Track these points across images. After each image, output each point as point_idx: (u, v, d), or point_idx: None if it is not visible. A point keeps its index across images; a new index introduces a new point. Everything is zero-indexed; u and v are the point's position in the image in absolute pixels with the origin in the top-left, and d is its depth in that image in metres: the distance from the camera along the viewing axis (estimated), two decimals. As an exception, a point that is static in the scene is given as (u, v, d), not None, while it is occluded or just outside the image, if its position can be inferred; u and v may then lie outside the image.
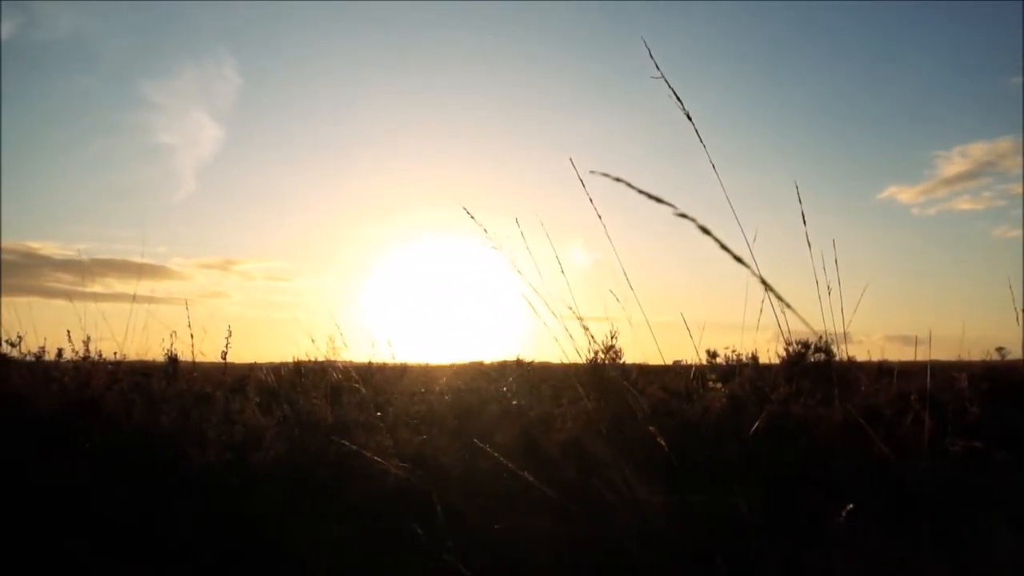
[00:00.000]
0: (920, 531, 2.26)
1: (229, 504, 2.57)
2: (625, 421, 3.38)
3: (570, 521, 2.76)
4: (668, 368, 5.33)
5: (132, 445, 2.66)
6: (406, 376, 5.95)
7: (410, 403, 3.89)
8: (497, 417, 3.71)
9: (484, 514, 2.95)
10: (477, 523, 2.90)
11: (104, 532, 2.45)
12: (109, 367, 3.39)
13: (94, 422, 2.69)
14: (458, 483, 3.19)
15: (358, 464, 3.00)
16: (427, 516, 2.89)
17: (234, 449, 2.62)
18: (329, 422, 3.01)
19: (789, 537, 2.67)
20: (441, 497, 2.98)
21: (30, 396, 2.82)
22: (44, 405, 2.76)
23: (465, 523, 2.90)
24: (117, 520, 2.51)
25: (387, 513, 2.92)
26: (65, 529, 2.43)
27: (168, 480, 2.56)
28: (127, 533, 2.49)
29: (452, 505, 2.97)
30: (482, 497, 3.14)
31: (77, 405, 2.79)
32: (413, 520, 2.90)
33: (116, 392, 2.97)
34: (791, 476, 3.24)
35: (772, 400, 3.69)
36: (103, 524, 2.48)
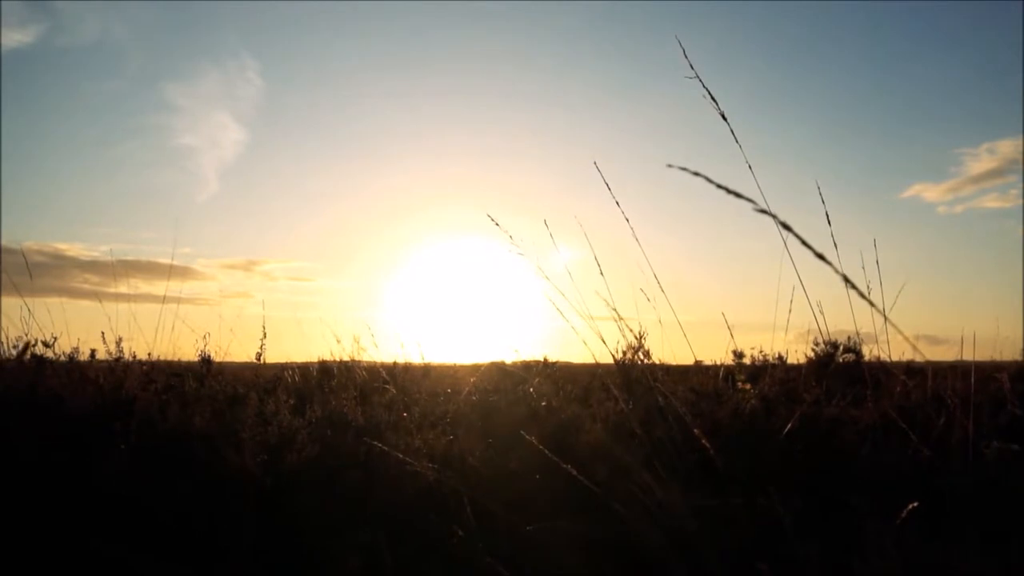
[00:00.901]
0: (963, 534, 2.22)
1: (263, 505, 2.57)
2: (656, 422, 3.36)
3: (605, 524, 2.74)
4: (692, 368, 5.29)
5: (167, 446, 2.68)
6: (429, 376, 5.96)
7: (437, 404, 3.89)
8: (525, 418, 3.69)
9: (517, 516, 2.93)
10: (511, 525, 2.88)
11: (140, 532, 2.47)
12: (144, 368, 3.42)
13: (129, 423, 2.71)
14: (489, 484, 3.18)
15: (389, 465, 3.00)
16: (460, 518, 2.88)
17: (268, 451, 2.63)
18: (360, 423, 3.01)
19: (828, 540, 2.63)
20: (473, 498, 2.97)
21: (67, 397, 2.85)
22: (80, 406, 2.79)
23: (498, 525, 2.89)
24: (153, 520, 2.53)
25: (419, 515, 2.92)
26: (102, 530, 2.45)
27: (202, 481, 2.57)
28: (162, 533, 2.50)
29: (484, 506, 2.96)
30: (514, 498, 3.13)
31: (113, 406, 2.81)
32: (446, 522, 2.89)
33: (151, 393, 2.99)
34: (826, 478, 3.20)
35: (804, 401, 3.64)
36: (139, 524, 2.49)
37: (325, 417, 2.92)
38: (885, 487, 3.10)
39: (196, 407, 2.90)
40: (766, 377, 3.88)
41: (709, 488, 2.91)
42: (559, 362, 6.78)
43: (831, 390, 4.00)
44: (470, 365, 8.15)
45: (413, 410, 3.76)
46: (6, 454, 2.42)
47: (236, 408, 2.96)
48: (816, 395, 3.65)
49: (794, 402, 3.66)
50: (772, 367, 4.01)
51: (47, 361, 3.43)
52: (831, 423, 3.58)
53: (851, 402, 3.90)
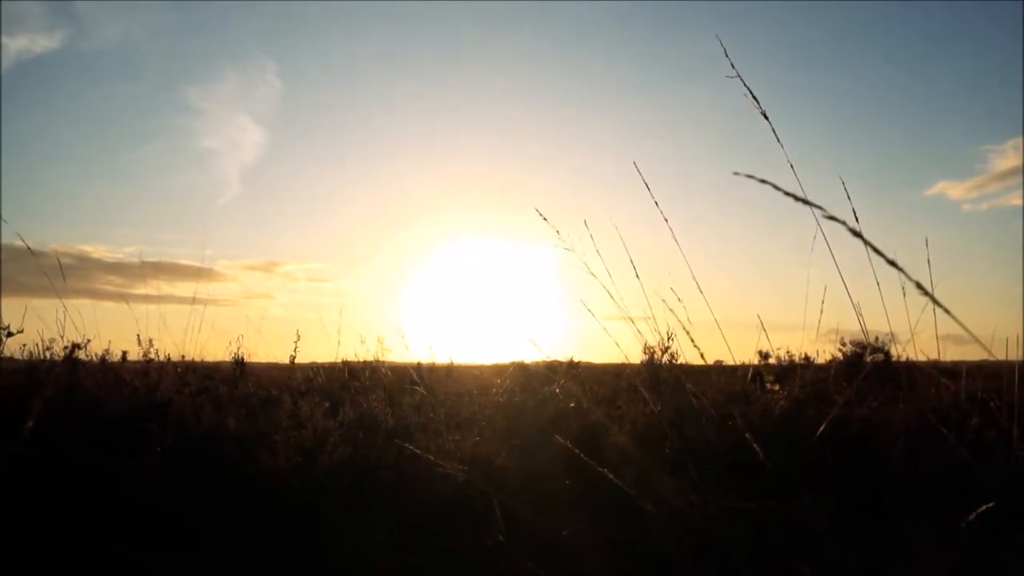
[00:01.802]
0: (1009, 541, 2.18)
1: (296, 506, 2.58)
2: (686, 423, 3.33)
3: (636, 526, 2.73)
4: (715, 368, 5.25)
5: (201, 448, 2.70)
6: (452, 376, 5.97)
7: (464, 405, 3.88)
8: (553, 419, 3.68)
9: (547, 518, 2.92)
10: (541, 527, 2.87)
11: (172, 533, 2.49)
12: (178, 370, 3.45)
13: (165, 425, 2.73)
14: (518, 486, 3.17)
15: (419, 466, 3.00)
16: (490, 520, 2.87)
17: (302, 453, 2.64)
18: (390, 425, 3.02)
19: (866, 545, 2.60)
20: (502, 500, 2.97)
21: (103, 399, 2.88)
22: (116, 408, 2.81)
23: (529, 528, 2.88)
24: (185, 521, 2.54)
25: (449, 517, 2.91)
26: (136, 531, 2.47)
27: (235, 482, 2.59)
28: (194, 534, 2.52)
29: (516, 509, 2.95)
30: (544, 501, 3.11)
31: (148, 408, 2.83)
32: (476, 524, 2.89)
33: (185, 396, 3.01)
34: (859, 480, 3.16)
35: (835, 402, 3.60)
36: (172, 525, 2.51)
37: (356, 419, 2.92)
38: (921, 490, 3.05)
39: (229, 410, 2.92)
40: (796, 378, 3.84)
41: (741, 490, 2.88)
42: (581, 362, 6.76)
43: (861, 391, 3.95)
44: (491, 365, 8.15)
45: (439, 411, 3.76)
46: (46, 455, 2.44)
47: (269, 410, 2.97)
48: (847, 396, 3.60)
49: (824, 403, 3.62)
50: (802, 368, 3.96)
51: (81, 363, 3.46)
52: (863, 424, 3.54)
53: (882, 403, 3.85)
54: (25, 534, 2.22)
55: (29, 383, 2.98)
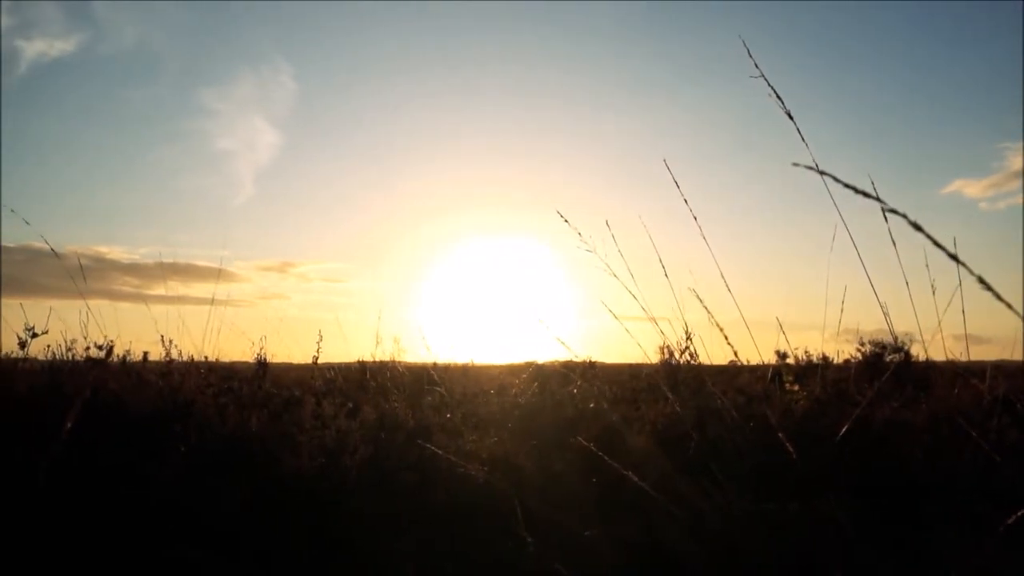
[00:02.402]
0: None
1: (319, 507, 2.59)
2: (707, 423, 3.32)
3: (661, 528, 2.71)
4: (731, 368, 5.23)
5: (225, 448, 2.70)
6: (468, 376, 5.97)
7: (483, 405, 3.88)
8: (572, 419, 3.67)
9: (568, 518, 2.91)
10: (562, 528, 2.87)
11: (199, 533, 2.50)
12: (201, 371, 3.47)
13: (188, 426, 2.74)
14: (540, 486, 3.17)
15: (440, 467, 3.00)
16: (511, 521, 2.87)
17: (326, 453, 2.65)
18: (411, 426, 3.02)
19: (890, 546, 2.58)
20: (523, 500, 2.96)
21: (126, 400, 2.89)
22: (141, 409, 2.83)
23: (550, 528, 2.87)
24: (211, 521, 2.55)
25: (471, 517, 2.91)
26: (164, 530, 2.48)
27: (259, 483, 2.59)
28: (220, 535, 2.53)
29: (538, 510, 2.95)
30: (565, 501, 3.11)
31: (171, 409, 2.85)
32: (497, 525, 2.89)
33: (208, 396, 3.03)
34: (883, 481, 3.13)
35: (856, 402, 3.57)
36: (198, 525, 2.52)
37: (378, 420, 2.93)
38: (946, 491, 3.03)
39: (252, 410, 2.93)
40: (815, 378, 3.81)
41: (765, 492, 2.86)
42: (596, 362, 6.75)
43: (882, 391, 3.93)
44: (504, 365, 8.16)
45: (458, 411, 3.77)
46: (72, 456, 2.45)
47: (292, 411, 2.98)
48: (869, 396, 3.57)
49: (846, 403, 3.60)
50: (823, 368, 3.94)
51: (104, 363, 3.48)
52: (885, 425, 3.52)
53: (903, 403, 3.82)
54: (63, 536, 2.24)
55: (53, 384, 3.00)
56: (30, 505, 2.36)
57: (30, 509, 2.33)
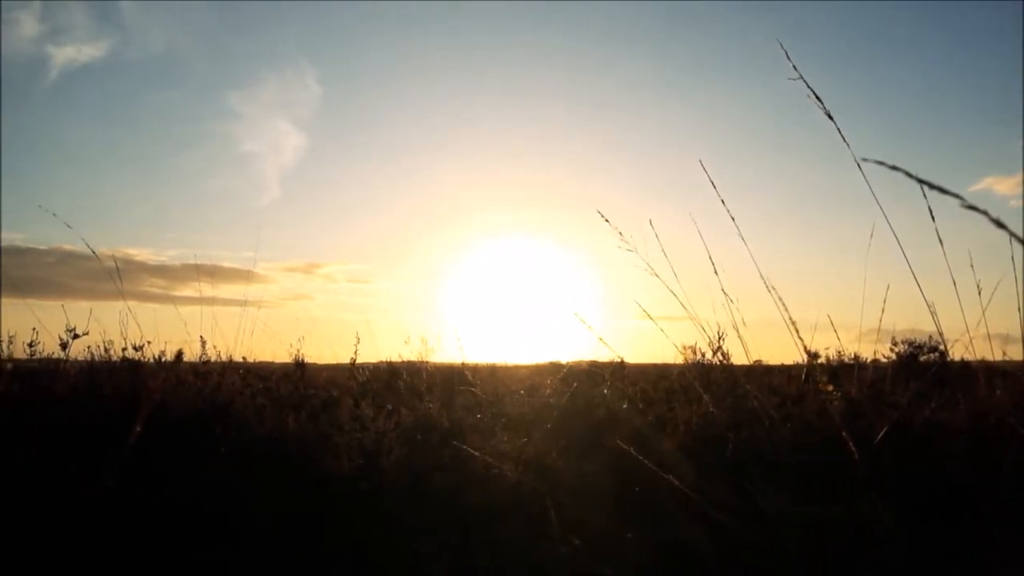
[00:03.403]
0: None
1: (357, 507, 2.60)
2: (743, 424, 3.29)
3: (700, 530, 2.69)
4: (757, 368, 5.17)
5: (263, 450, 2.73)
6: (496, 377, 5.97)
7: (514, 405, 3.88)
8: (605, 420, 3.66)
9: (606, 521, 2.90)
10: (600, 530, 2.85)
11: (239, 534, 2.52)
12: (240, 372, 3.50)
13: (227, 427, 2.77)
14: (574, 487, 3.15)
15: (475, 467, 3.01)
16: (548, 522, 2.86)
17: (364, 455, 2.66)
18: (445, 427, 3.02)
19: (932, 549, 2.54)
20: (559, 502, 2.95)
21: (168, 401, 2.92)
22: (181, 410, 2.86)
23: (588, 530, 2.86)
24: (250, 522, 2.57)
25: (508, 518, 2.91)
26: (204, 530, 2.50)
27: (297, 484, 2.61)
28: (259, 535, 2.55)
29: (572, 511, 2.94)
30: (598, 503, 3.09)
31: (211, 410, 2.88)
32: (534, 525, 2.88)
33: (247, 397, 3.05)
34: (925, 483, 3.08)
35: (894, 403, 3.52)
36: (239, 527, 2.54)
37: (414, 421, 2.94)
38: (988, 492, 2.97)
39: (291, 412, 2.95)
40: (850, 379, 3.76)
41: (805, 494, 2.83)
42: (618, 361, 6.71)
43: (919, 392, 3.86)
44: (531, 365, 8.14)
45: (488, 411, 3.76)
46: (116, 456, 2.49)
47: (330, 412, 3.00)
48: (908, 397, 3.52)
49: (883, 404, 3.54)
50: (858, 368, 3.88)
51: (140, 364, 3.53)
52: (924, 426, 3.46)
53: (941, 404, 3.76)
54: (103, 537, 2.27)
55: (92, 385, 3.04)
56: (72, 506, 2.40)
57: (73, 510, 2.37)
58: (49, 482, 2.24)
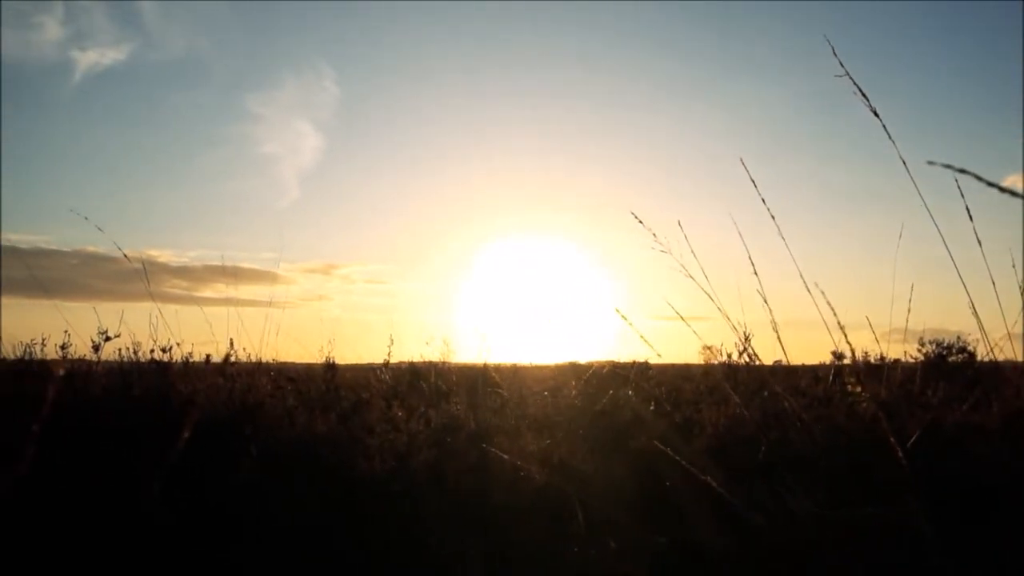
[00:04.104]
0: None
1: (390, 509, 2.61)
2: (772, 425, 3.26)
3: (730, 533, 2.67)
4: (781, 369, 5.13)
5: (294, 452, 2.74)
6: (518, 377, 5.96)
7: (539, 406, 3.87)
8: (631, 421, 3.64)
9: (635, 523, 2.89)
10: (629, 532, 2.84)
11: (269, 536, 2.53)
12: (271, 373, 3.53)
13: (258, 428, 2.79)
14: (601, 489, 3.14)
15: (504, 469, 3.00)
16: (576, 523, 2.85)
17: (395, 456, 2.67)
18: (472, 428, 3.02)
19: (971, 554, 2.51)
20: (587, 503, 2.95)
21: (199, 403, 2.95)
22: (211, 411, 2.88)
23: (616, 532, 2.85)
24: (280, 524, 2.59)
25: (536, 520, 2.90)
26: (235, 532, 2.52)
27: (329, 487, 2.62)
28: (290, 536, 2.56)
29: (600, 512, 2.93)
30: (629, 505, 3.08)
31: (241, 411, 2.89)
32: (563, 527, 2.87)
33: (278, 399, 3.07)
34: (958, 485, 3.04)
35: (924, 404, 3.49)
36: (270, 528, 2.56)
37: (440, 422, 2.94)
38: (1021, 496, 2.93)
39: (322, 413, 2.97)
40: (882, 380, 3.72)
41: (836, 495, 2.80)
42: (640, 363, 6.69)
43: (949, 393, 3.82)
44: (552, 366, 8.13)
45: (514, 413, 3.76)
46: (147, 457, 2.51)
47: (361, 413, 3.01)
48: (939, 398, 3.49)
49: (913, 405, 3.51)
50: (888, 369, 3.84)
51: (168, 366, 3.56)
52: (956, 428, 3.42)
53: (972, 405, 3.71)
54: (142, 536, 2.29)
55: (124, 385, 3.07)
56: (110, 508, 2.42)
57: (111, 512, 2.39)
58: (94, 487, 2.27)
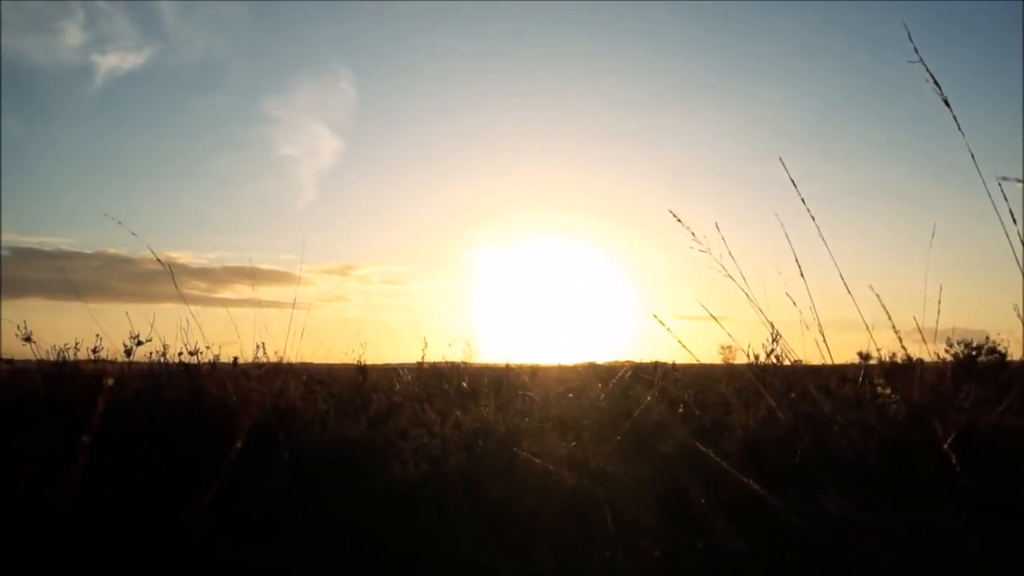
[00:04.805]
0: None
1: (421, 514, 2.60)
2: (804, 428, 3.23)
3: (765, 537, 2.65)
4: (801, 369, 5.07)
5: (327, 456, 2.74)
6: (538, 378, 5.94)
7: (565, 408, 3.86)
8: (660, 423, 3.62)
9: (664, 526, 2.86)
10: (659, 536, 2.82)
11: (305, 540, 2.53)
12: (303, 377, 3.53)
13: (291, 432, 2.79)
14: (632, 492, 3.12)
15: (534, 472, 2.99)
16: (606, 527, 2.84)
17: (429, 460, 2.66)
18: (502, 431, 3.01)
19: (1012, 559, 2.47)
20: (621, 507, 2.93)
21: (230, 406, 2.95)
22: (243, 414, 2.88)
23: (645, 535, 2.83)
24: (314, 527, 2.59)
25: (565, 524, 2.89)
26: (268, 535, 2.52)
27: (362, 491, 2.62)
28: (323, 540, 2.56)
29: (631, 516, 2.91)
30: (656, 508, 3.05)
31: (273, 414, 2.90)
32: (594, 531, 2.86)
33: (309, 402, 3.07)
34: (996, 490, 3.00)
35: (958, 406, 3.43)
36: (301, 532, 2.56)
37: (469, 425, 2.93)
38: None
39: (354, 417, 2.96)
40: (914, 381, 3.67)
41: (873, 499, 2.77)
42: (664, 364, 6.65)
43: (982, 395, 3.76)
44: (569, 366, 8.11)
45: (539, 414, 3.75)
46: (179, 461, 2.52)
47: (394, 416, 3.01)
48: (972, 400, 3.43)
49: (947, 407, 3.45)
50: (920, 370, 3.79)
51: (199, 369, 3.57)
52: (991, 430, 3.37)
53: (1008, 407, 3.66)
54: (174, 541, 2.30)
55: (155, 388, 3.09)
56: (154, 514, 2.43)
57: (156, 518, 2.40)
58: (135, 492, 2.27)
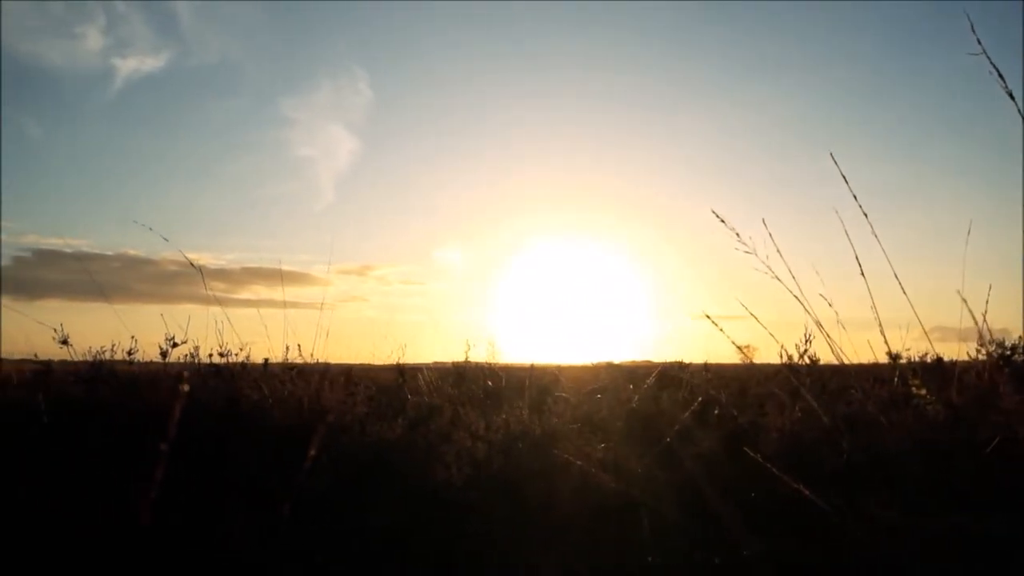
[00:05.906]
0: None
1: (462, 517, 2.58)
2: (843, 429, 3.19)
3: (806, 539, 2.62)
4: (829, 369, 5.04)
5: (367, 460, 2.73)
6: (562, 379, 5.92)
7: (596, 409, 3.84)
8: (694, 425, 3.59)
9: (698, 529, 2.83)
10: (695, 538, 2.79)
11: (346, 545, 2.52)
12: (342, 379, 3.52)
13: (330, 435, 2.77)
14: (674, 495, 3.09)
15: (570, 474, 2.97)
16: (643, 530, 2.81)
17: (472, 464, 2.64)
18: (538, 433, 3.00)
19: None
20: (661, 511, 2.90)
21: (268, 409, 2.95)
22: (281, 418, 2.88)
23: (686, 539, 2.80)
24: (358, 534, 2.58)
25: (605, 526, 2.86)
26: (311, 537, 2.51)
27: (403, 495, 2.61)
28: (359, 543, 2.55)
29: (668, 518, 2.88)
30: (694, 511, 3.03)
31: (311, 418, 2.89)
32: (633, 533, 2.83)
33: (348, 405, 3.06)
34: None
35: (995, 408, 3.38)
36: (340, 534, 2.55)
37: (506, 428, 2.92)
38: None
39: (393, 420, 2.95)
40: (951, 382, 3.62)
41: (912, 504, 2.74)
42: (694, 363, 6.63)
43: (1019, 395, 3.71)
44: (588, 366, 8.09)
45: (571, 415, 3.73)
46: (213, 465, 2.51)
47: (434, 419, 2.99)
48: (1015, 402, 3.38)
49: (986, 409, 3.41)
50: (960, 371, 3.74)
51: (231, 370, 3.57)
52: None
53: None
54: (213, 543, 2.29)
55: (190, 391, 3.07)
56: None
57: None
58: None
